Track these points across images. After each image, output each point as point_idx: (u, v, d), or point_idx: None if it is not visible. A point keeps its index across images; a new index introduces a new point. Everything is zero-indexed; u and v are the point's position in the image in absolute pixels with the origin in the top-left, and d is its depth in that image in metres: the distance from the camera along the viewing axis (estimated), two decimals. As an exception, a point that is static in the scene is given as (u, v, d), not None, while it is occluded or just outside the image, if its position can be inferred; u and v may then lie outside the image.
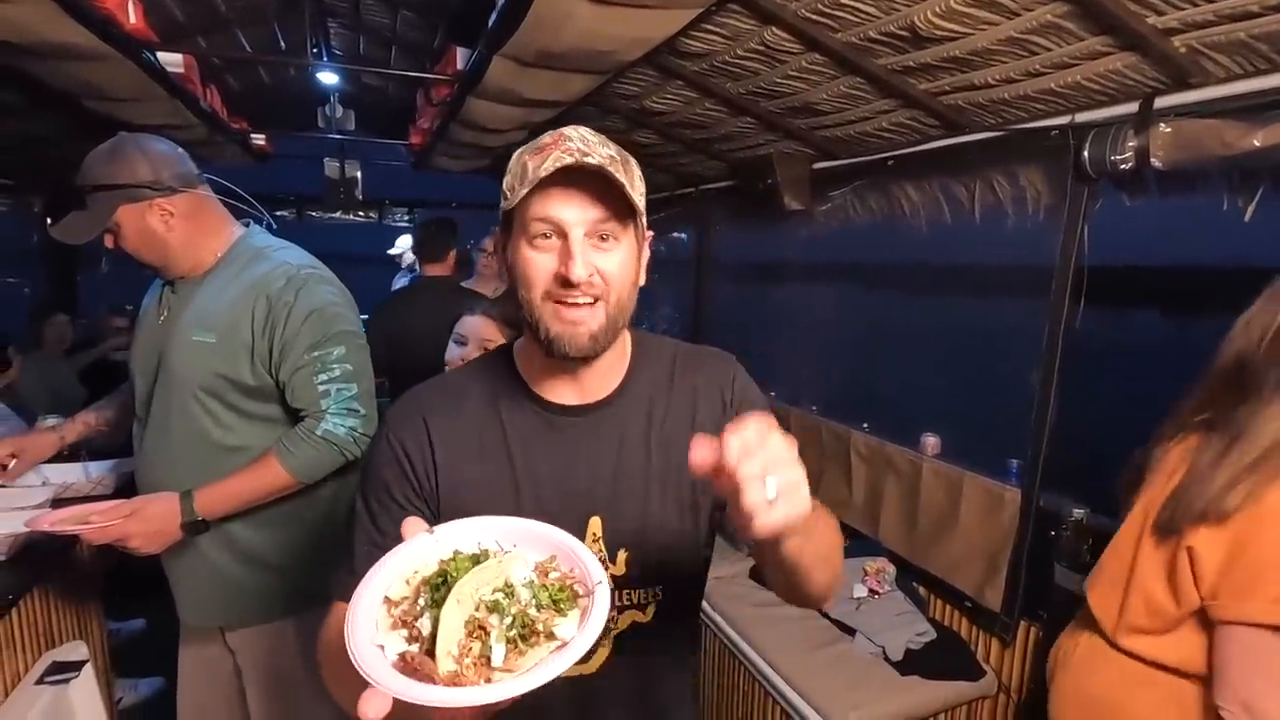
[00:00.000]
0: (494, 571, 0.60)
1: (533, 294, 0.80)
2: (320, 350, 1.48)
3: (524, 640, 0.55)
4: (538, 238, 0.78)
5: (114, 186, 1.41)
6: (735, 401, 0.93)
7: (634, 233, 0.82)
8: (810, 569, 0.76)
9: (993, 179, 2.14)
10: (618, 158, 0.78)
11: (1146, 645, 1.34)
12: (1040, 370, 1.91)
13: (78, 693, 1.63)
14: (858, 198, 2.70)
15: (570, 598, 0.59)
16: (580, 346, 0.80)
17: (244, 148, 3.94)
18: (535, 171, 0.74)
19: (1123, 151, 1.60)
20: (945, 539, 2.26)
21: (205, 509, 1.45)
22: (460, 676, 0.53)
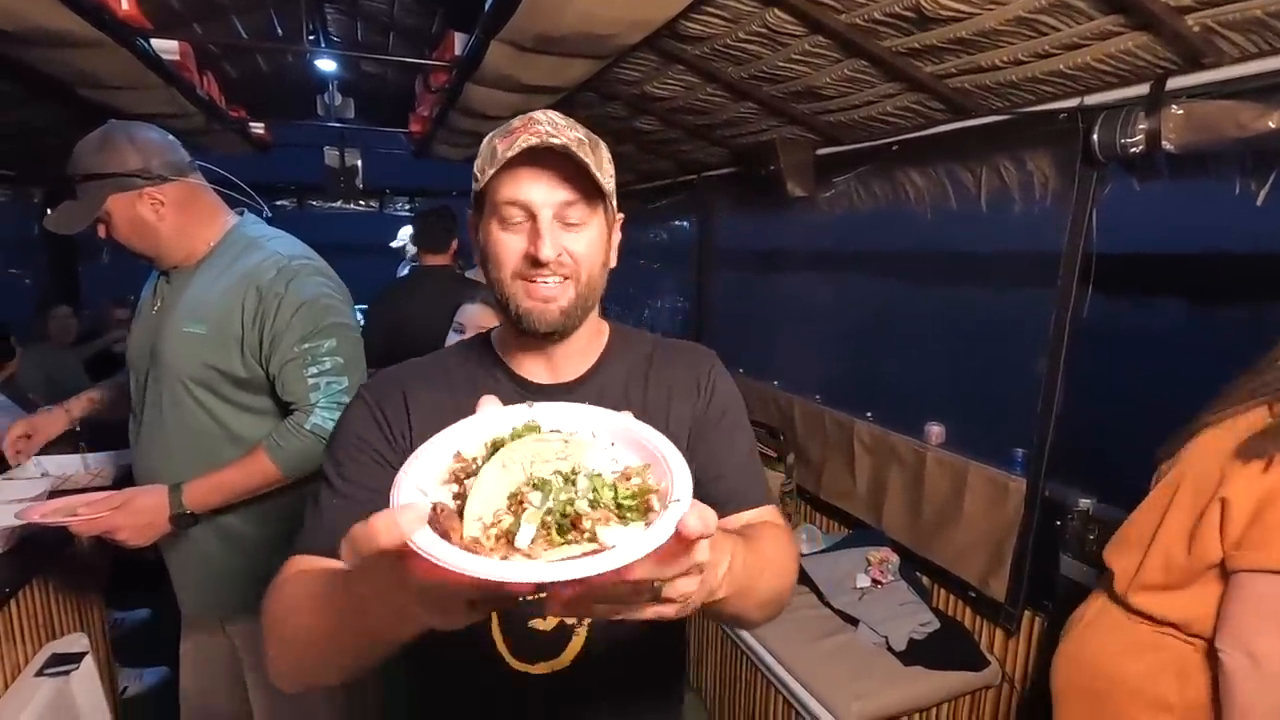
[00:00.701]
0: (557, 448, 0.53)
1: (503, 273, 0.81)
2: (311, 343, 1.46)
3: (560, 531, 0.47)
4: (507, 220, 0.79)
5: (103, 175, 1.40)
6: (709, 392, 0.94)
7: (603, 214, 0.83)
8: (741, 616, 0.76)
9: (999, 164, 2.11)
10: (585, 140, 0.79)
11: (1156, 602, 1.37)
12: (1047, 358, 1.88)
13: (79, 684, 1.63)
14: (861, 184, 2.66)
15: (640, 509, 0.49)
16: (550, 321, 0.81)
17: (243, 136, 3.91)
18: (503, 153, 0.75)
19: (1133, 134, 1.56)
20: (949, 529, 2.25)
21: (194, 502, 1.44)
22: (478, 545, 0.46)
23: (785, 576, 0.79)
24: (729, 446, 0.92)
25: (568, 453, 0.53)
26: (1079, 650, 1.50)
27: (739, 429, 0.95)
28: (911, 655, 2.07)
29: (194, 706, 1.73)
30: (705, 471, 0.87)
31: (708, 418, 0.92)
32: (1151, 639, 1.38)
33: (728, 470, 0.90)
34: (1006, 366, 2.93)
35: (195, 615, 1.66)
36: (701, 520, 0.47)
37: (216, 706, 1.73)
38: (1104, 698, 1.42)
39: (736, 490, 0.90)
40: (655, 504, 0.50)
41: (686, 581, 0.51)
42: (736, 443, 0.94)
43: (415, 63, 3.19)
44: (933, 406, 2.56)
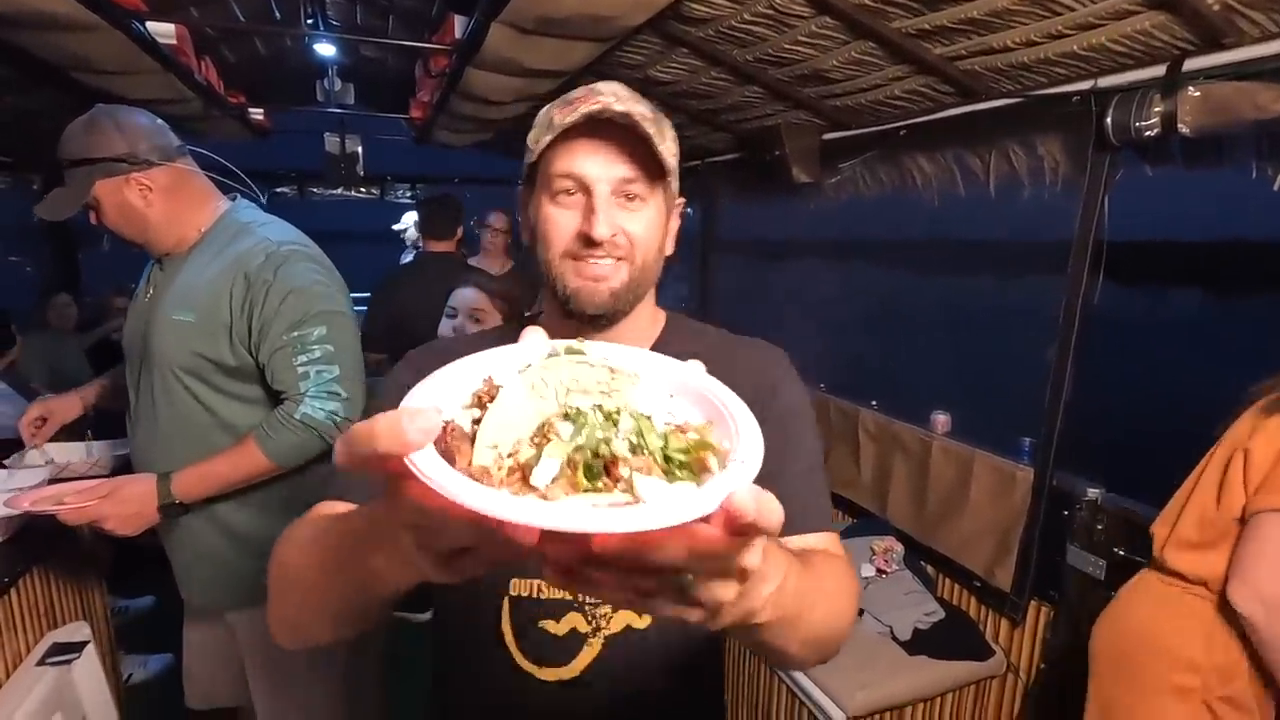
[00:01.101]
0: (601, 377, 0.44)
1: (552, 252, 0.76)
2: (300, 330, 1.43)
3: (589, 474, 0.38)
4: (560, 194, 0.74)
5: (90, 160, 1.37)
6: (771, 392, 0.84)
7: (663, 195, 0.77)
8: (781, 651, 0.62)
9: (1009, 149, 2.07)
10: (650, 114, 0.73)
11: (1188, 560, 1.41)
12: (1056, 346, 1.85)
13: (81, 673, 1.62)
14: (868, 170, 2.62)
15: (692, 467, 0.40)
16: (599, 303, 0.76)
17: (242, 122, 3.87)
18: (560, 122, 0.70)
19: (1148, 117, 1.52)
20: (955, 518, 2.23)
21: (183, 492, 1.42)
22: (486, 475, 0.38)
23: (841, 616, 0.67)
24: (788, 460, 0.81)
25: (614, 386, 0.44)
26: (1116, 617, 1.54)
27: (802, 442, 0.84)
28: (916, 645, 2.06)
29: (198, 694, 1.73)
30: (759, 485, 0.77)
31: (768, 423, 0.76)
32: (1181, 600, 1.42)
33: (782, 487, 0.75)
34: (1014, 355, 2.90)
35: (195, 604, 1.65)
36: (759, 502, 0.37)
37: (220, 694, 1.73)
38: (1134, 658, 1.46)
39: (792, 511, 0.74)
40: (714, 466, 0.40)
41: (724, 586, 0.42)
42: (798, 457, 0.82)
43: (415, 46, 3.15)
44: (939, 395, 2.53)
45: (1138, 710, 1.43)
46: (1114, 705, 1.48)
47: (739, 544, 0.40)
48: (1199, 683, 1.36)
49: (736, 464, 0.39)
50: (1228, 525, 1.36)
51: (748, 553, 0.41)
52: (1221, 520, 1.37)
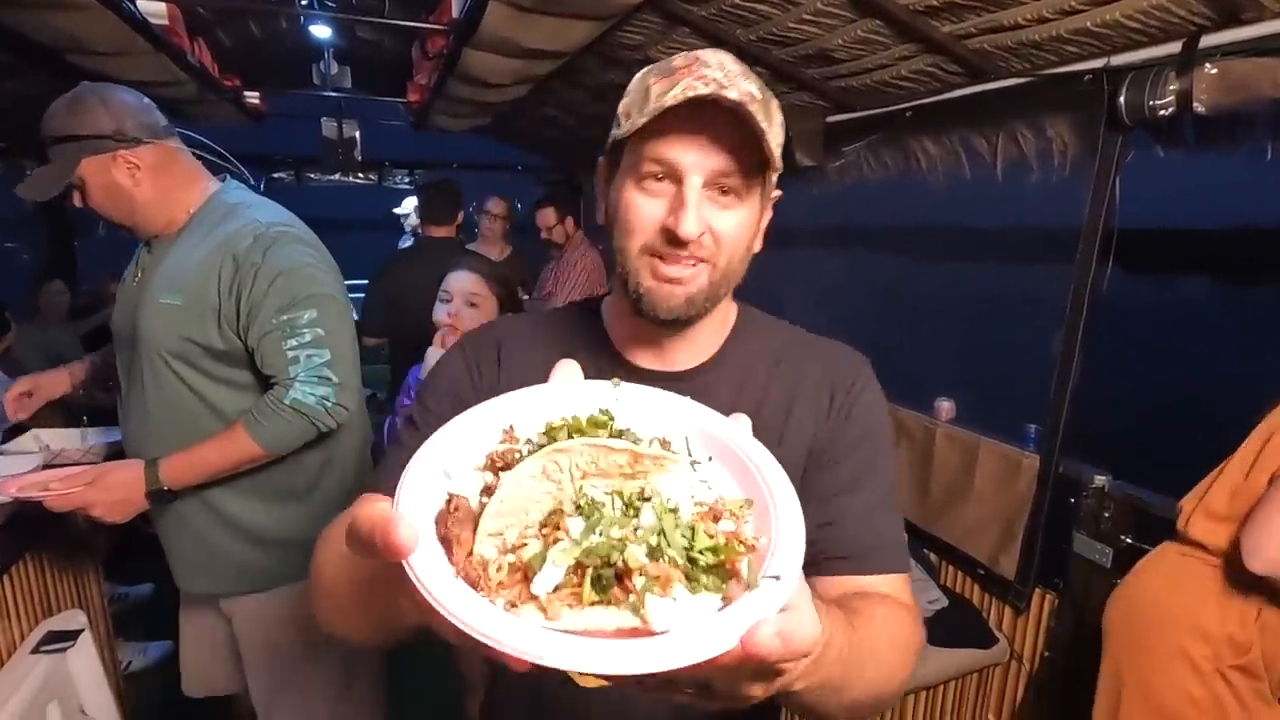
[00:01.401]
0: (624, 461, 0.39)
1: (630, 243, 0.69)
2: (289, 314, 1.39)
3: (597, 586, 0.35)
4: (648, 179, 0.67)
5: (76, 138, 1.33)
6: (846, 408, 0.76)
7: (760, 190, 0.69)
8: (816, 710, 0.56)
9: (1017, 131, 2.03)
10: (759, 96, 0.64)
11: (1212, 531, 1.41)
12: (1064, 332, 1.82)
13: (76, 660, 1.61)
14: (872, 153, 2.58)
15: (721, 571, 0.36)
16: (673, 308, 0.69)
17: (237, 106, 3.82)
18: (659, 99, 0.62)
19: (1163, 95, 1.49)
20: (959, 506, 2.21)
21: (171, 478, 1.39)
22: (484, 573, 0.35)
23: (891, 679, 0.60)
24: (856, 487, 0.73)
25: (637, 469, 0.40)
26: (1130, 589, 1.54)
27: (876, 465, 0.75)
28: (919, 633, 2.04)
29: (194, 682, 1.71)
30: (818, 513, 0.71)
31: (837, 442, 0.74)
32: (1199, 571, 1.42)
33: (849, 517, 0.72)
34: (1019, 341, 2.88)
35: (190, 592, 1.63)
36: (784, 641, 0.33)
37: (216, 682, 1.72)
38: (1146, 627, 1.46)
39: (856, 546, 0.71)
40: (743, 569, 0.36)
41: (756, 687, 0.40)
42: (867, 484, 0.74)
43: (411, 26, 3.09)
44: (943, 382, 2.50)
45: (1150, 679, 1.43)
46: (1126, 675, 1.48)
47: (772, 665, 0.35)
48: (1210, 652, 1.36)
49: (768, 581, 0.35)
50: (1254, 496, 1.35)
51: (790, 667, 0.38)
52: (1250, 492, 1.36)
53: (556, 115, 3.88)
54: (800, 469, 0.73)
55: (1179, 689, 1.38)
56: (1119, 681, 1.49)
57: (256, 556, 1.52)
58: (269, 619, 1.56)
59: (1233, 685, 1.35)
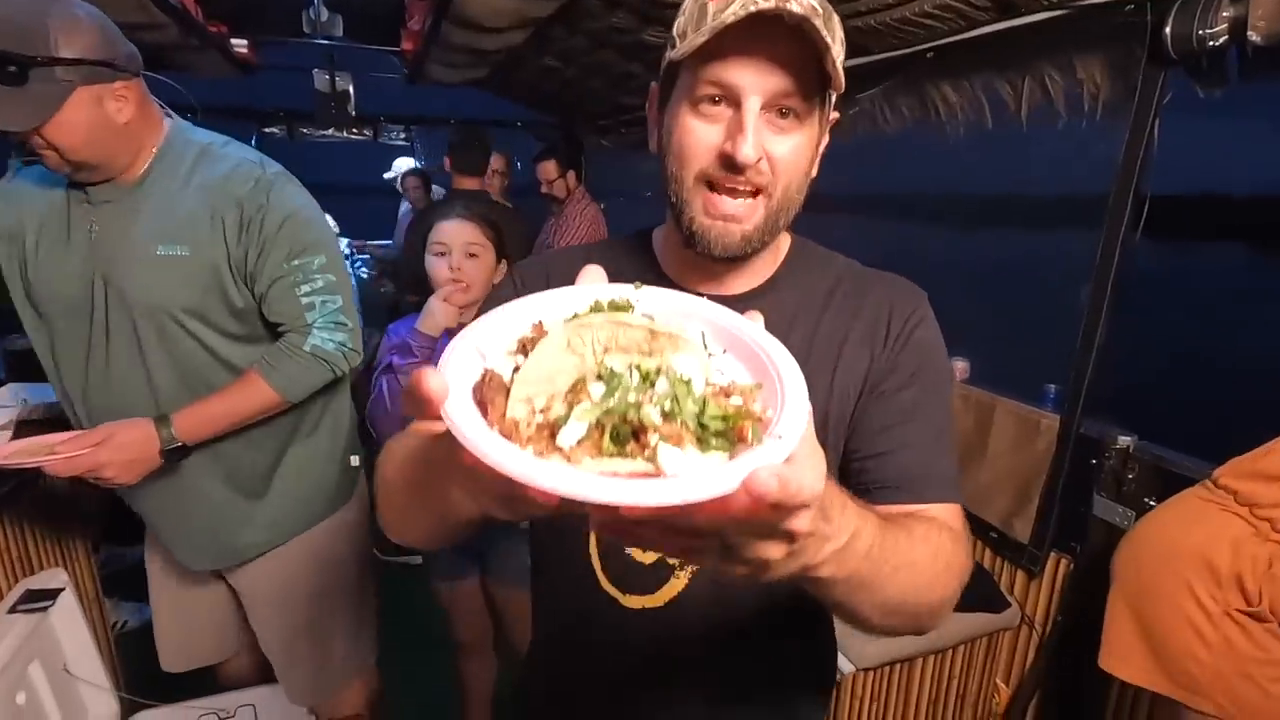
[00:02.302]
0: (641, 337, 0.43)
1: (685, 171, 0.67)
2: (301, 259, 1.35)
3: (616, 439, 0.38)
4: (704, 101, 0.64)
5: (72, 61, 1.15)
6: (903, 339, 0.75)
7: (820, 112, 0.67)
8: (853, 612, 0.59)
9: (1044, 73, 1.90)
10: (821, 11, 0.60)
11: (1250, 485, 1.33)
12: (1092, 285, 1.73)
13: (59, 619, 1.56)
14: (887, 101, 2.45)
15: (730, 435, 0.39)
16: (729, 246, 0.68)
17: (224, 55, 3.67)
18: (718, 16, 0.59)
19: (1215, 24, 1.37)
20: (972, 468, 2.14)
21: (187, 433, 1.32)
22: (515, 429, 0.38)
23: (932, 589, 0.61)
24: (911, 416, 0.73)
25: (654, 346, 0.43)
26: (1142, 527, 1.48)
27: (930, 398, 0.75)
28: (928, 597, 1.99)
29: (175, 657, 1.68)
30: (869, 442, 0.73)
31: (892, 374, 0.74)
32: (1216, 514, 1.35)
33: (903, 449, 0.72)
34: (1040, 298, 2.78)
35: (199, 568, 1.56)
36: (782, 483, 0.34)
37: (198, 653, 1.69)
38: (1155, 560, 1.40)
39: (907, 475, 0.72)
40: (751, 435, 0.39)
41: (770, 546, 0.41)
42: (922, 415, 0.74)
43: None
44: (957, 341, 2.42)
45: (1157, 619, 1.38)
46: (1132, 612, 1.44)
47: (778, 513, 0.37)
48: (1219, 594, 1.31)
49: (772, 439, 0.38)
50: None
51: (793, 519, 0.39)
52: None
53: (557, 66, 3.73)
54: (855, 398, 0.74)
55: (1188, 632, 1.33)
56: (1127, 623, 1.44)
57: (271, 511, 1.48)
58: (280, 574, 1.54)
59: (1244, 628, 1.30)
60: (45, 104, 1.16)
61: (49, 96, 1.16)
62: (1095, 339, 1.74)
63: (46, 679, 1.48)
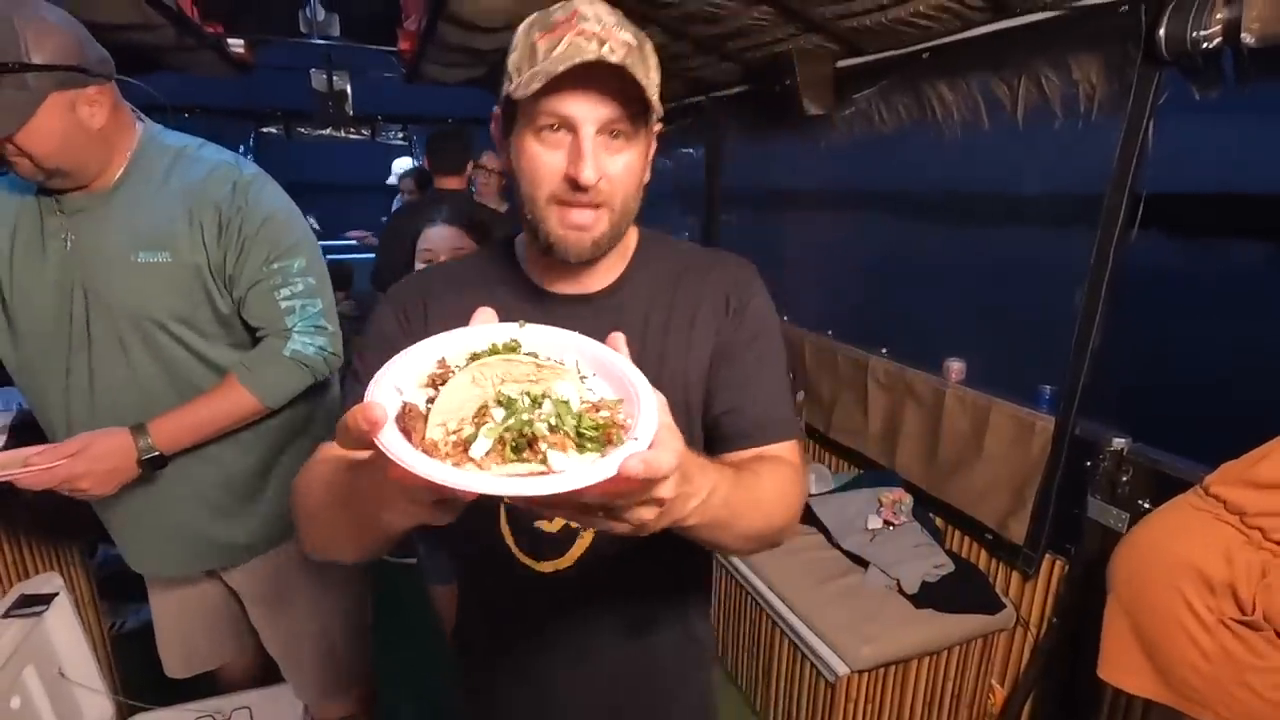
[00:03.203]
0: (528, 370, 0.54)
1: (538, 192, 0.76)
2: (280, 262, 1.32)
3: (515, 450, 0.49)
4: (545, 130, 0.73)
5: (44, 67, 1.13)
6: (741, 310, 0.87)
7: (645, 130, 0.77)
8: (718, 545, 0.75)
9: (1041, 73, 1.89)
10: (634, 43, 0.72)
11: (1241, 494, 1.34)
12: (1087, 287, 1.72)
13: (54, 624, 1.56)
14: (884, 100, 2.44)
15: (601, 441, 0.50)
16: (581, 252, 0.78)
17: (220, 55, 3.66)
18: (547, 58, 0.69)
19: (1209, 25, 1.36)
20: (967, 469, 2.14)
21: (164, 442, 1.30)
22: (435, 448, 0.48)
23: (777, 517, 0.75)
24: (753, 375, 0.86)
25: (539, 376, 0.54)
26: (1135, 537, 1.48)
27: (767, 356, 0.88)
28: (924, 598, 1.99)
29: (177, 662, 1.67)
30: (723, 400, 0.85)
31: (735, 340, 0.86)
32: (1208, 523, 1.36)
33: (748, 403, 0.85)
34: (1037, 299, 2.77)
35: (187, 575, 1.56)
36: (646, 465, 0.46)
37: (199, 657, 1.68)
38: (1148, 574, 1.41)
39: (755, 424, 0.84)
40: (619, 438, 0.50)
41: (644, 510, 0.53)
42: (762, 372, 0.87)
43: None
44: (953, 342, 2.41)
45: (1155, 630, 1.38)
46: (1129, 624, 1.44)
47: (646, 486, 0.49)
48: (1214, 603, 1.31)
49: (631, 440, 0.49)
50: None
51: (658, 488, 0.51)
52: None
53: (553, 65, 3.72)
54: (707, 364, 0.86)
55: (1186, 642, 1.33)
56: (1125, 635, 1.44)
57: (264, 513, 1.48)
58: (278, 574, 1.54)
59: (1240, 637, 1.30)
60: (17, 111, 1.13)
61: (21, 103, 1.13)
62: (1090, 341, 1.74)
63: (41, 684, 1.48)
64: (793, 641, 2.06)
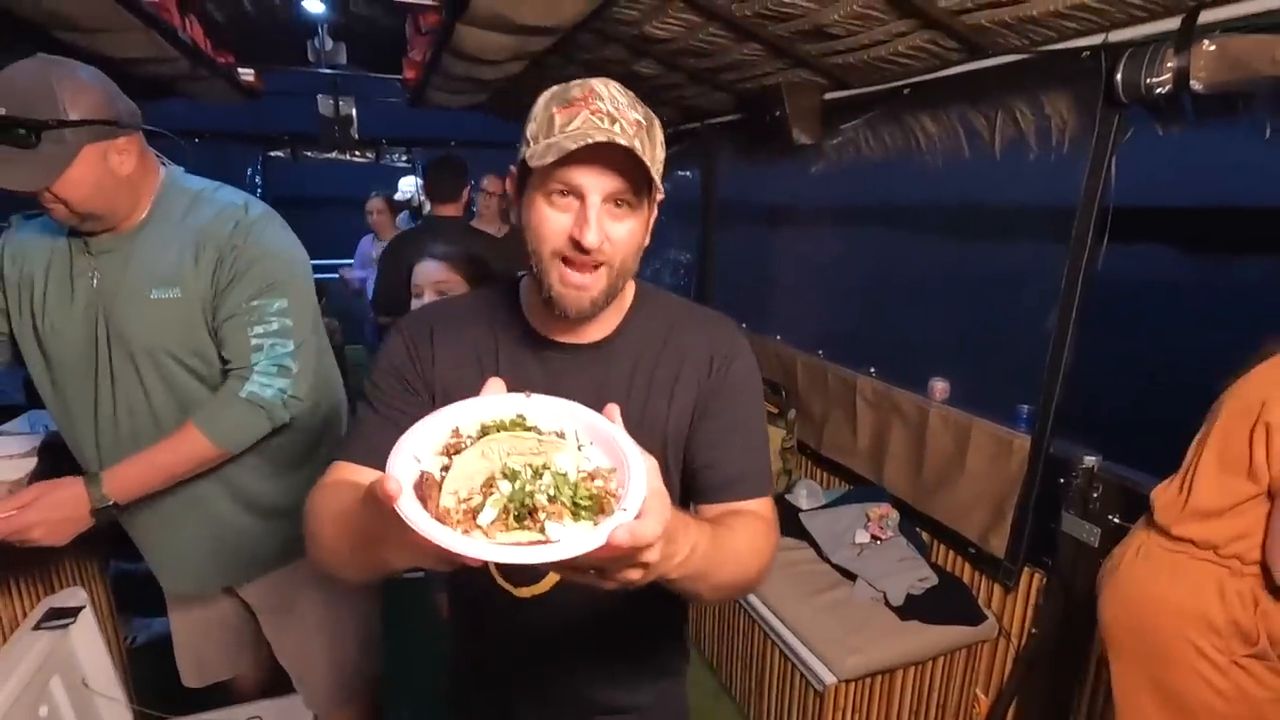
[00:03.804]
0: (532, 445, 0.60)
1: (543, 248, 0.81)
2: (261, 300, 1.35)
3: (517, 519, 0.55)
4: (555, 194, 0.79)
5: (80, 123, 1.23)
6: (723, 370, 0.92)
7: (647, 199, 0.83)
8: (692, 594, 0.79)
9: (1015, 108, 2.01)
10: (643, 122, 0.79)
11: (1199, 529, 1.42)
12: (1058, 312, 1.82)
13: (78, 636, 1.64)
14: (870, 130, 2.56)
15: (594, 509, 0.57)
16: (580, 309, 0.83)
17: (231, 83, 3.78)
18: (562, 131, 0.75)
19: (1160, 73, 1.47)
20: (951, 485, 2.22)
21: (118, 492, 1.32)
22: (447, 515, 0.55)
23: (749, 571, 0.81)
24: (731, 433, 0.91)
25: (542, 449, 0.60)
26: (1123, 588, 1.54)
27: (747, 417, 0.93)
28: (909, 610, 2.07)
29: (194, 673, 1.73)
30: (701, 455, 0.90)
31: (716, 397, 0.92)
32: (1191, 565, 1.43)
33: (725, 459, 0.90)
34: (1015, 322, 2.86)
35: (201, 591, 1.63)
36: (632, 536, 0.53)
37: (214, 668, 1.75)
38: (1152, 625, 1.46)
39: (730, 480, 0.90)
40: (612, 506, 0.56)
41: (631, 570, 0.59)
42: (740, 431, 0.92)
43: (405, 2, 3.06)
44: (938, 362, 2.51)
45: (1168, 677, 1.43)
46: (1141, 675, 1.48)
47: (633, 553, 0.56)
48: (1222, 644, 1.37)
49: (620, 511, 0.55)
50: (1247, 496, 1.37)
51: (644, 554, 0.57)
52: (1242, 491, 1.37)
53: (553, 92, 3.84)
54: (689, 417, 0.91)
55: (1201, 685, 1.39)
56: (1138, 687, 1.49)
57: (281, 532, 1.54)
58: (290, 586, 1.60)
59: (1252, 673, 1.37)
60: (55, 163, 1.22)
61: (59, 156, 1.22)
62: (1062, 362, 1.83)
63: (66, 693, 1.55)
64: (783, 652, 2.13)
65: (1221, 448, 1.42)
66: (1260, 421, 1.34)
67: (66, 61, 1.27)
